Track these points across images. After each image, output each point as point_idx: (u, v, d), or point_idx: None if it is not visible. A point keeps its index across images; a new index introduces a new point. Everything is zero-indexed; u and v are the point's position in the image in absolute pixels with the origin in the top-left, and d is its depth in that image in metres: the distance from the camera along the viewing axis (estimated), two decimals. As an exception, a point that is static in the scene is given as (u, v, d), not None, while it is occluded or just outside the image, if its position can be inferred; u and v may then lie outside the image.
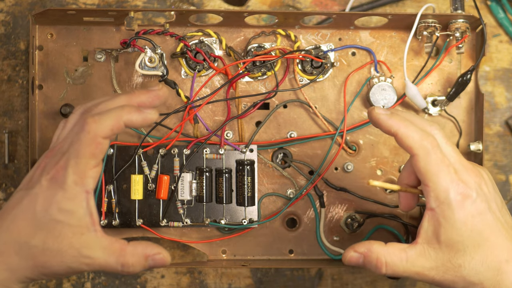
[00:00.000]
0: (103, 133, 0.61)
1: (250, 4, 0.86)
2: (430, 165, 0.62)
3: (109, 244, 0.62)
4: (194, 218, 0.79)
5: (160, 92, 0.65)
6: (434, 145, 0.62)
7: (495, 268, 0.62)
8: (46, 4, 0.84)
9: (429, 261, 0.62)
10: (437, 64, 0.80)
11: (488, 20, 0.86)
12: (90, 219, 0.62)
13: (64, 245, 0.61)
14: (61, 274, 0.63)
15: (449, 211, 0.61)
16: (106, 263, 0.62)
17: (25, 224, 0.62)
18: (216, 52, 0.80)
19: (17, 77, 0.84)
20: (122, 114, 0.62)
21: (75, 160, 0.61)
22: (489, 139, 0.86)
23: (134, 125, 0.63)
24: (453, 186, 0.61)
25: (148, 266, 0.64)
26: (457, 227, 0.61)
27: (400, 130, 0.62)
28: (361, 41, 0.81)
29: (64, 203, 0.61)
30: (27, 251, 0.62)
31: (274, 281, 0.86)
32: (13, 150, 0.84)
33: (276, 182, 0.81)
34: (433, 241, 0.62)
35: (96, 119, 0.61)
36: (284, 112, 0.81)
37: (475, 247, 0.62)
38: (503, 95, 0.86)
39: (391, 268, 0.63)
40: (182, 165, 0.78)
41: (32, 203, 0.62)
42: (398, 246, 0.63)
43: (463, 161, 0.63)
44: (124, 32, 0.80)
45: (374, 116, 0.64)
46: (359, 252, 0.64)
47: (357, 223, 0.80)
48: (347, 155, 0.81)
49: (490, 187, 0.64)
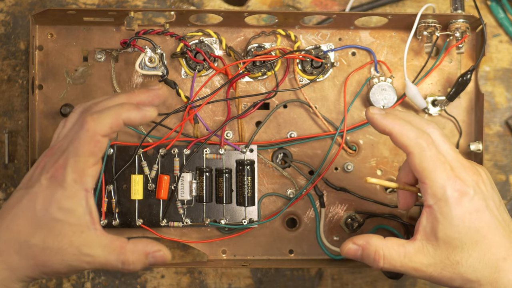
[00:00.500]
0: (102, 131, 0.61)
1: (250, 4, 0.86)
2: (426, 162, 0.62)
3: (109, 242, 0.62)
4: (194, 218, 0.79)
5: (160, 91, 0.66)
6: (429, 142, 0.62)
7: (492, 266, 0.62)
8: (46, 4, 0.84)
9: (427, 257, 0.62)
10: (437, 64, 0.80)
11: (488, 20, 0.86)
12: (90, 217, 0.62)
13: (64, 243, 0.61)
14: (62, 273, 0.63)
15: (447, 208, 0.61)
16: (106, 261, 0.62)
17: (25, 223, 0.62)
18: (216, 52, 0.80)
19: (17, 77, 0.84)
20: (120, 112, 0.62)
21: (74, 159, 0.61)
22: (489, 139, 0.86)
23: (133, 123, 0.63)
24: (449, 183, 0.61)
25: (149, 263, 0.64)
26: (455, 224, 0.61)
27: (395, 129, 0.63)
28: (361, 41, 0.81)
29: (63, 201, 0.61)
30: (27, 250, 0.62)
31: (274, 281, 0.86)
32: (13, 150, 0.84)
33: (276, 182, 0.81)
34: (431, 237, 0.62)
35: (95, 118, 0.61)
36: (284, 112, 0.81)
37: (473, 244, 0.62)
38: (503, 95, 0.86)
39: (389, 262, 0.63)
40: (182, 165, 0.78)
41: (32, 202, 0.62)
42: (397, 241, 0.64)
43: (460, 159, 0.63)
44: (124, 32, 0.80)
45: (369, 116, 0.64)
46: (358, 244, 0.64)
47: (357, 223, 0.80)
48: (347, 155, 0.81)
49: (488, 185, 0.64)
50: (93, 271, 0.84)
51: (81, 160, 0.61)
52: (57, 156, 0.63)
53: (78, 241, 0.61)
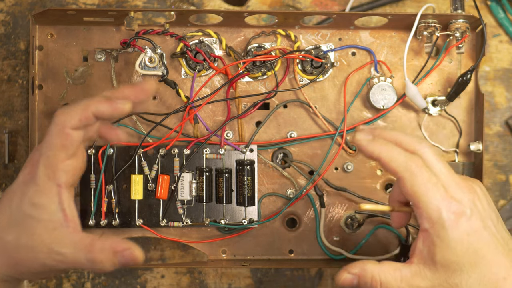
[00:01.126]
0: (71, 124, 0.60)
1: (250, 4, 0.86)
2: (417, 186, 0.60)
3: (79, 239, 0.60)
4: (194, 218, 0.79)
5: (146, 85, 0.64)
6: (419, 165, 0.60)
7: (492, 286, 0.60)
8: (46, 4, 0.84)
9: (425, 281, 0.61)
10: (437, 64, 0.80)
11: (488, 20, 0.86)
12: (62, 214, 0.61)
13: (35, 240, 0.60)
14: (38, 272, 0.62)
15: (443, 231, 0.59)
16: (75, 259, 0.60)
17: (2, 220, 0.61)
18: (216, 52, 0.80)
19: (17, 77, 0.84)
20: (89, 104, 0.61)
21: (46, 154, 0.60)
22: (489, 139, 0.86)
23: (104, 116, 0.61)
24: (444, 204, 0.59)
25: (118, 263, 0.61)
26: (453, 247, 0.59)
27: (382, 154, 0.61)
28: (361, 41, 0.81)
29: (36, 197, 0.60)
30: (3, 247, 0.61)
31: (274, 281, 0.86)
32: (13, 150, 0.84)
33: (276, 182, 0.81)
34: (428, 261, 0.60)
35: (64, 111, 0.61)
36: (284, 112, 0.81)
37: (472, 266, 0.60)
38: (503, 95, 0.86)
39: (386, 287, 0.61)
40: (182, 165, 0.78)
41: (9, 199, 0.62)
42: (393, 265, 0.62)
43: (454, 177, 0.61)
44: (124, 32, 0.80)
45: (355, 143, 0.62)
46: (353, 273, 0.62)
47: (357, 223, 0.80)
48: (347, 155, 0.81)
49: (484, 203, 0.61)
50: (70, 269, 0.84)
51: (52, 155, 0.60)
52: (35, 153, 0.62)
53: (49, 238, 0.60)
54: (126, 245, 0.61)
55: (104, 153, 0.77)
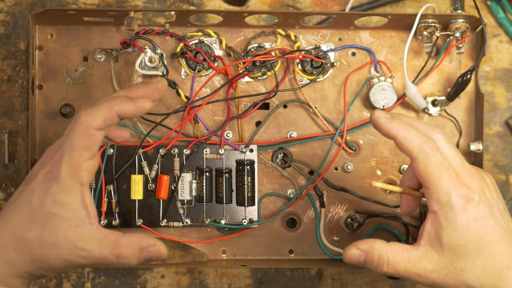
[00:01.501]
0: (95, 124, 0.61)
1: (250, 4, 0.86)
2: (430, 168, 0.61)
3: (104, 236, 0.62)
4: (194, 218, 0.79)
5: (159, 84, 0.66)
6: (434, 148, 0.62)
7: (496, 274, 0.61)
8: (46, 4, 0.84)
9: (431, 263, 0.62)
10: (437, 64, 0.80)
11: (488, 20, 0.86)
12: (85, 211, 0.62)
13: (59, 238, 0.61)
14: (59, 268, 0.63)
15: (452, 214, 0.61)
16: (101, 255, 0.62)
17: (22, 218, 0.62)
18: (216, 52, 0.80)
19: (17, 77, 0.84)
20: (113, 104, 0.62)
21: (69, 153, 0.61)
22: (489, 139, 0.86)
23: (127, 115, 0.63)
24: (454, 189, 0.61)
25: (144, 258, 0.63)
26: (460, 230, 0.61)
27: (400, 133, 0.62)
28: (361, 41, 0.81)
29: (58, 195, 0.61)
30: (24, 244, 0.62)
31: (274, 281, 0.86)
32: (13, 150, 0.84)
33: (276, 182, 0.81)
34: (435, 243, 0.62)
35: (88, 111, 0.62)
36: (284, 112, 0.81)
37: (477, 251, 0.61)
38: (503, 95, 0.86)
39: (393, 267, 0.63)
40: (182, 165, 0.78)
41: (29, 197, 0.62)
42: (401, 246, 0.63)
43: (466, 165, 0.63)
44: (124, 32, 0.80)
45: (374, 119, 0.64)
46: (361, 249, 0.64)
47: (357, 223, 0.80)
48: (347, 155, 0.81)
49: (493, 192, 0.63)
50: (93, 271, 0.84)
51: (75, 154, 0.61)
52: (54, 152, 0.63)
53: (73, 235, 0.61)
54: (152, 241, 0.63)
55: (104, 153, 0.77)
